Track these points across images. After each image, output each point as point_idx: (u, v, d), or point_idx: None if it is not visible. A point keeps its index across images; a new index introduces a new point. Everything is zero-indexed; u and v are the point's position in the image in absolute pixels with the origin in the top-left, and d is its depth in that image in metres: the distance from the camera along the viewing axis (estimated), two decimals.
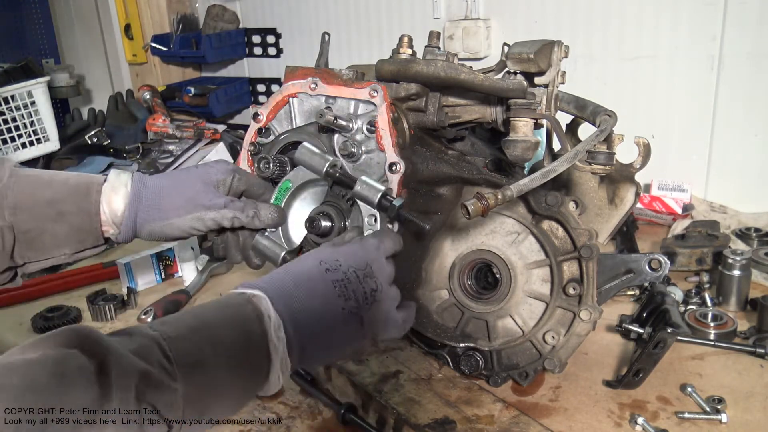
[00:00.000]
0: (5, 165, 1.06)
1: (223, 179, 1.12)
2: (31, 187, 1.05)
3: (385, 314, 0.94)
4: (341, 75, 1.16)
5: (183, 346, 0.73)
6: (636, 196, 1.29)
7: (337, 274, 0.90)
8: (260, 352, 0.81)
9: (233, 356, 0.78)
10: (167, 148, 3.14)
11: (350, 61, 1.74)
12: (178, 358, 0.71)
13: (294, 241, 1.16)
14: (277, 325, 0.82)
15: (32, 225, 1.03)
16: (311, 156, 1.09)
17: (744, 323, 1.47)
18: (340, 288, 0.89)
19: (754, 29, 1.99)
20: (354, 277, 0.90)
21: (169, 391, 0.69)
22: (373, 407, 1.22)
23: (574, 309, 1.19)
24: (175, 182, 1.12)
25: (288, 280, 0.88)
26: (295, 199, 1.16)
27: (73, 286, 1.90)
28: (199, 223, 1.10)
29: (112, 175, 1.10)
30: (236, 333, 0.79)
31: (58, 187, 1.06)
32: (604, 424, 1.14)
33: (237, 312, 0.81)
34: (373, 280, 0.92)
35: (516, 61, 1.06)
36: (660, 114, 2.24)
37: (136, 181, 1.10)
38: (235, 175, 1.14)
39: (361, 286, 0.90)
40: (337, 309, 0.88)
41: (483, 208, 0.95)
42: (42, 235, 1.05)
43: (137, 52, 3.74)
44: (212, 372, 0.75)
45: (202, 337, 0.77)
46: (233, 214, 1.10)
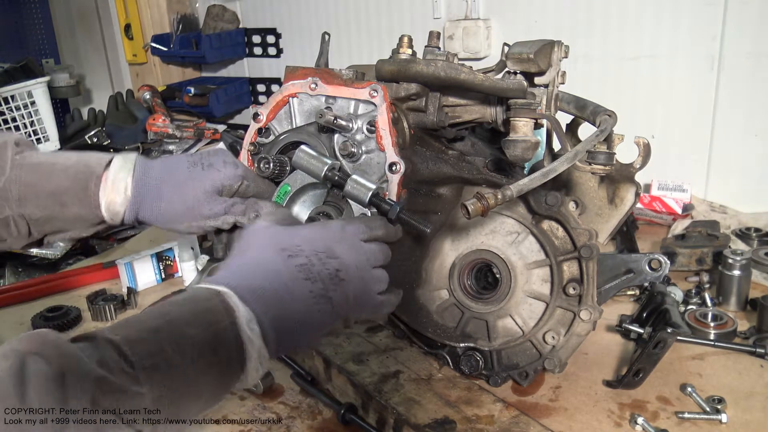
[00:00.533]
0: (7, 151, 1.06)
1: (229, 185, 1.10)
2: (33, 178, 1.06)
3: (356, 294, 0.94)
4: (341, 75, 1.16)
5: (146, 348, 0.73)
6: (636, 196, 1.29)
7: (300, 258, 0.90)
8: (231, 345, 0.80)
9: (202, 353, 0.78)
10: (167, 148, 3.14)
11: (350, 61, 1.74)
12: (140, 362, 0.71)
13: None
14: (249, 318, 0.82)
15: (41, 214, 1.06)
16: (309, 160, 1.09)
17: (744, 323, 1.47)
18: (304, 272, 0.89)
19: (754, 29, 1.99)
20: (317, 259, 0.91)
21: (133, 396, 0.69)
22: (373, 407, 1.22)
23: (574, 309, 1.19)
24: (177, 185, 1.09)
25: (252, 271, 0.88)
26: (294, 202, 1.16)
27: (73, 286, 1.90)
28: (198, 230, 1.11)
29: (112, 171, 1.08)
30: (203, 329, 0.79)
31: (58, 177, 1.07)
32: (604, 424, 1.14)
33: (204, 308, 0.81)
34: (336, 261, 0.92)
35: (516, 61, 1.06)
36: (660, 114, 2.24)
37: (139, 180, 1.08)
38: (243, 182, 1.11)
39: (324, 267, 0.91)
40: (305, 292, 0.88)
41: (483, 208, 0.95)
42: (52, 221, 1.08)
43: (137, 52, 3.74)
44: (180, 371, 0.75)
45: (166, 336, 0.76)
46: (234, 219, 1.10)
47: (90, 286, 1.88)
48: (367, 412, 1.23)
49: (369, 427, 1.18)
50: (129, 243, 2.27)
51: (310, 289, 0.88)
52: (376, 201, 1.04)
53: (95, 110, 3.38)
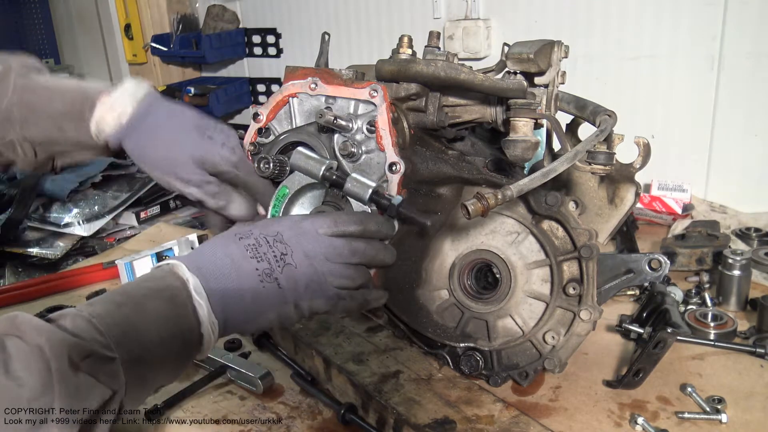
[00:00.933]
0: (10, 77, 1.09)
1: (215, 163, 1.12)
2: (35, 99, 1.10)
3: (308, 282, 0.96)
4: (341, 75, 1.16)
5: (113, 319, 0.79)
6: (636, 196, 1.29)
7: (249, 239, 0.94)
8: (188, 315, 0.86)
9: (163, 323, 0.83)
10: None
11: (350, 61, 1.74)
12: (108, 330, 0.77)
13: None
14: (195, 285, 0.87)
15: (42, 137, 1.11)
16: (306, 161, 1.09)
17: (744, 323, 1.47)
18: (252, 251, 0.93)
19: (754, 29, 1.99)
20: (264, 241, 0.94)
21: (108, 361, 0.75)
22: (373, 407, 1.22)
23: (574, 309, 1.19)
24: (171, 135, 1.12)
25: (203, 248, 0.95)
26: (293, 204, 1.16)
27: (73, 286, 1.90)
28: (167, 185, 1.14)
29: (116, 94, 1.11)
30: (162, 301, 0.85)
31: (57, 100, 1.11)
32: (604, 424, 1.14)
33: (161, 282, 0.87)
34: (283, 245, 0.95)
35: (516, 61, 1.06)
36: (660, 114, 2.24)
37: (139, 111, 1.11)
38: (231, 170, 1.13)
39: (271, 249, 0.94)
40: (251, 269, 0.92)
41: (483, 208, 0.95)
42: (55, 145, 1.13)
43: (137, 52, 3.74)
44: (145, 339, 0.81)
45: (130, 309, 0.82)
46: (201, 195, 1.13)
47: (90, 286, 1.88)
48: (367, 412, 1.23)
49: (369, 427, 1.18)
50: (129, 243, 2.27)
51: (255, 267, 0.92)
52: (376, 198, 1.04)
53: None
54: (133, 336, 0.79)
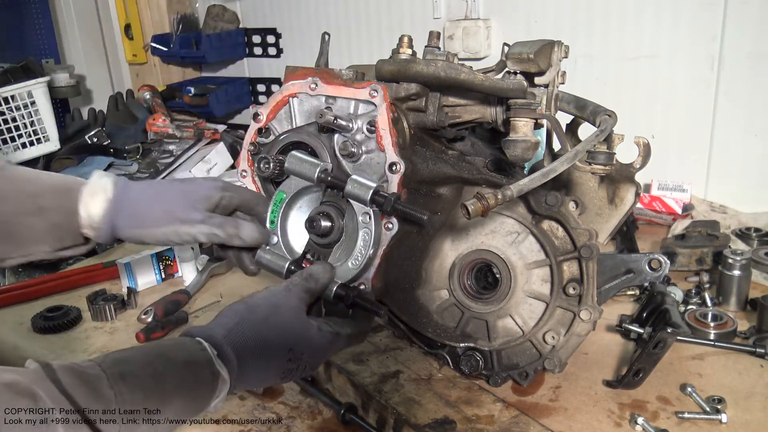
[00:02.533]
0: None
1: (208, 195, 1.11)
2: (15, 180, 1.07)
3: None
4: (341, 75, 1.16)
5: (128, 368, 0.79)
6: (636, 196, 1.29)
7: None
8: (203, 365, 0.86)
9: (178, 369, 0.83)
10: (167, 148, 3.13)
11: (350, 61, 1.74)
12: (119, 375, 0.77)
13: (296, 249, 1.16)
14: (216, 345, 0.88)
15: (11, 217, 1.05)
16: (301, 164, 1.09)
17: (744, 323, 1.47)
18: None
19: (754, 29, 1.99)
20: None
21: (109, 400, 0.74)
22: (373, 407, 1.22)
23: (574, 309, 1.19)
24: (157, 192, 1.13)
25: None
26: (291, 208, 1.15)
27: (73, 286, 1.90)
28: (174, 237, 1.10)
29: (94, 178, 1.10)
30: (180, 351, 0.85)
31: (41, 183, 1.08)
32: (604, 424, 1.14)
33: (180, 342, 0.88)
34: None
35: (516, 61, 1.06)
36: (660, 114, 2.24)
37: (119, 187, 1.10)
38: (224, 194, 1.12)
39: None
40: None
41: (483, 208, 0.95)
42: (19, 228, 1.06)
43: (137, 52, 3.74)
44: (159, 381, 0.81)
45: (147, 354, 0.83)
46: (209, 230, 1.09)
47: (90, 286, 1.88)
48: (367, 412, 1.23)
49: (369, 427, 1.18)
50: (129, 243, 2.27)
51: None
52: (377, 198, 1.04)
53: (95, 110, 3.38)
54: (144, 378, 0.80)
